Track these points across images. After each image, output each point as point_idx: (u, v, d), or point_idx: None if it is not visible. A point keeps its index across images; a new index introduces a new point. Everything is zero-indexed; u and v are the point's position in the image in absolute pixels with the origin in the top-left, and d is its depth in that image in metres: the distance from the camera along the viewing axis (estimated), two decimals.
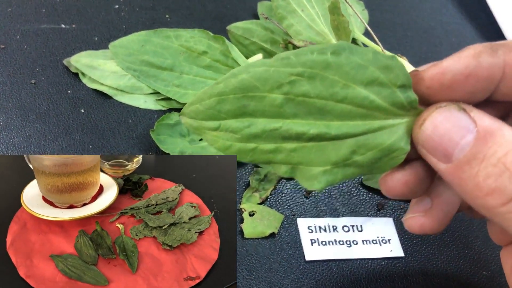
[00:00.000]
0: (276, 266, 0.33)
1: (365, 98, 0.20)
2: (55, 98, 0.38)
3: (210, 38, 0.40)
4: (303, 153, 0.20)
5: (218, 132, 0.21)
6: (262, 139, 0.20)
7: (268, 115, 0.20)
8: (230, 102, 0.20)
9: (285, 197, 0.36)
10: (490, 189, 0.18)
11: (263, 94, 0.20)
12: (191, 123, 0.21)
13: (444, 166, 0.19)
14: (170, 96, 0.38)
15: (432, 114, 0.19)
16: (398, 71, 0.20)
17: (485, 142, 0.18)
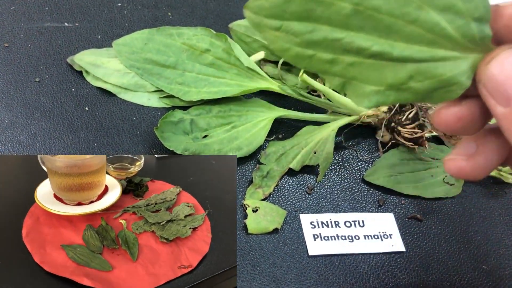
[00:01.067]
0: (279, 261, 0.33)
1: (436, 24, 0.19)
2: (60, 96, 0.38)
3: (213, 36, 0.40)
4: (361, 69, 0.20)
5: (279, 32, 0.20)
6: (322, 47, 0.20)
7: (333, 24, 0.19)
8: (297, 3, 0.19)
9: (288, 193, 0.37)
10: None
11: (332, 0, 0.19)
12: (253, 18, 0.20)
13: (502, 110, 0.19)
14: (173, 93, 0.39)
15: (501, 53, 0.19)
16: (479, 2, 0.19)
17: None
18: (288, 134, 0.40)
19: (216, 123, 0.38)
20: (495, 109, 0.19)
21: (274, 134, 0.40)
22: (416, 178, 0.39)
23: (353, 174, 0.39)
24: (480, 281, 0.35)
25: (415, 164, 0.40)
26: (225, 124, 0.38)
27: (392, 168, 0.39)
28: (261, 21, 0.20)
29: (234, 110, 0.39)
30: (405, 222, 0.37)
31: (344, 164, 0.40)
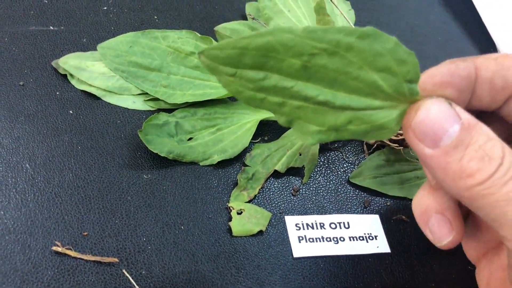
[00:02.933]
0: (264, 263, 0.33)
1: (374, 82, 0.21)
2: (44, 100, 0.38)
3: (198, 38, 0.40)
4: (306, 112, 0.22)
5: (233, 78, 0.22)
6: (272, 93, 0.22)
7: (283, 74, 0.22)
8: (250, 56, 0.21)
9: (273, 195, 0.37)
10: (473, 170, 0.21)
11: (284, 57, 0.21)
12: (208, 63, 0.22)
13: (431, 151, 0.22)
14: (158, 96, 0.39)
15: (427, 102, 0.22)
16: (411, 67, 0.21)
17: (468, 132, 0.21)
18: (273, 136, 0.40)
19: (201, 126, 0.38)
20: (423, 152, 0.22)
21: (259, 137, 0.40)
22: (401, 179, 0.39)
23: (339, 176, 0.39)
24: (465, 281, 0.35)
25: (401, 165, 0.40)
26: (210, 126, 0.38)
27: (377, 169, 0.39)
28: (216, 67, 0.22)
29: (220, 113, 0.39)
30: (390, 223, 0.37)
31: (329, 166, 0.40)
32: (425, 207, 0.26)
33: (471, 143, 0.21)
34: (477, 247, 0.29)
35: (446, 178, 0.22)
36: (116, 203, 0.34)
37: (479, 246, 0.29)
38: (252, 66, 0.21)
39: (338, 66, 0.21)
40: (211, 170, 0.37)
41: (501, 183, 0.21)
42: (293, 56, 0.21)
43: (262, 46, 0.21)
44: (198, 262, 0.32)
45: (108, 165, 0.36)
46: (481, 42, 0.57)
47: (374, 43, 0.21)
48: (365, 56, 0.21)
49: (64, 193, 0.33)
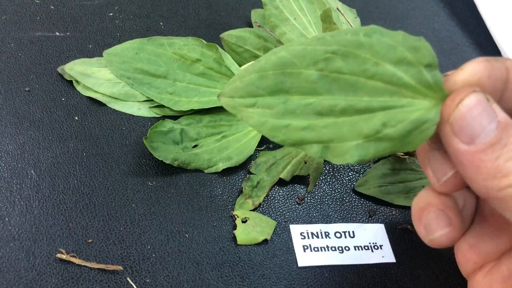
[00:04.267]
0: (268, 272, 0.33)
1: (393, 75, 0.21)
2: (49, 106, 0.38)
3: (204, 46, 0.41)
4: (335, 128, 0.21)
5: (254, 109, 0.22)
6: (296, 115, 0.21)
7: (303, 92, 0.21)
8: (269, 78, 0.21)
9: (278, 203, 0.37)
10: (509, 171, 0.20)
11: (300, 70, 0.21)
12: (228, 102, 0.22)
13: (465, 147, 0.21)
14: (164, 103, 0.39)
15: (470, 96, 0.21)
16: (425, 51, 0.21)
17: (506, 131, 0.21)
18: (278, 144, 0.40)
19: (206, 133, 0.38)
20: (457, 147, 0.21)
21: (264, 144, 0.40)
22: (407, 188, 0.39)
23: (344, 185, 0.39)
24: None
25: (406, 174, 0.39)
26: (216, 133, 0.38)
27: (382, 178, 0.39)
28: (236, 103, 0.22)
29: (225, 120, 0.39)
30: (395, 232, 0.37)
31: (334, 174, 0.40)
32: (425, 203, 0.26)
33: (508, 143, 0.21)
34: (476, 259, 0.29)
35: (477, 176, 0.21)
36: (120, 210, 0.34)
37: (479, 258, 0.29)
38: (271, 91, 0.21)
39: (354, 66, 0.21)
40: (216, 177, 0.37)
41: None
42: (308, 65, 0.21)
43: (278, 63, 0.21)
44: (202, 270, 0.32)
45: (113, 172, 0.35)
46: (487, 50, 0.57)
47: (381, 37, 0.21)
48: (376, 50, 0.21)
49: (69, 200, 0.33)
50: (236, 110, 0.22)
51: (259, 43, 0.43)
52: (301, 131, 0.21)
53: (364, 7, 0.57)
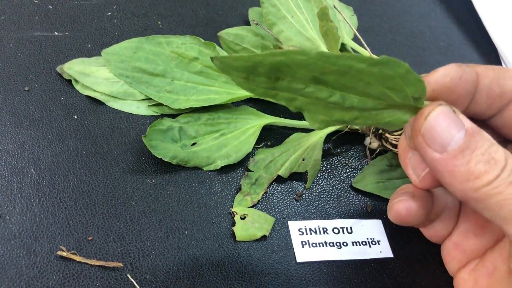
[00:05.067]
0: (267, 268, 0.33)
1: (384, 93, 0.22)
2: (49, 105, 0.38)
3: (201, 44, 0.41)
4: (315, 106, 0.23)
5: (246, 80, 0.22)
6: (284, 90, 0.23)
7: (295, 80, 0.22)
8: (263, 69, 0.21)
9: (276, 200, 0.37)
10: (480, 172, 0.23)
11: (296, 71, 0.22)
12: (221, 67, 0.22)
13: (439, 155, 0.23)
14: (162, 101, 0.39)
15: (436, 109, 0.23)
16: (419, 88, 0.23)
17: (473, 137, 0.23)
18: (277, 142, 0.40)
19: (205, 131, 0.38)
20: (431, 156, 0.24)
21: (263, 142, 0.40)
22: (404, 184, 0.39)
23: (342, 181, 0.39)
24: None
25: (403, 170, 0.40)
26: (214, 131, 0.38)
27: (380, 174, 0.39)
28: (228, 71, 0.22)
29: (223, 118, 0.39)
30: (393, 228, 0.37)
31: (332, 171, 0.40)
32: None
33: (477, 148, 0.23)
34: (461, 257, 0.31)
35: (453, 181, 0.23)
36: (120, 208, 0.34)
37: (464, 256, 0.30)
38: (264, 75, 0.22)
39: (348, 81, 0.22)
40: (214, 175, 0.37)
41: (506, 183, 0.22)
42: (305, 72, 0.22)
43: (274, 64, 0.21)
44: (202, 267, 0.32)
45: (113, 170, 0.36)
46: (483, 48, 0.57)
47: (385, 68, 0.21)
48: (376, 77, 0.22)
49: (69, 198, 0.34)
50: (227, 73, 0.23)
51: (256, 41, 0.43)
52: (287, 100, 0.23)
53: (361, 4, 0.57)
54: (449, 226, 0.31)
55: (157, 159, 0.36)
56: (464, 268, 0.31)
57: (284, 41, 0.42)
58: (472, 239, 0.30)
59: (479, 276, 0.30)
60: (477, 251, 0.30)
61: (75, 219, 0.33)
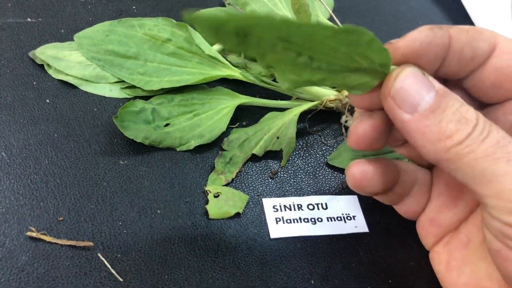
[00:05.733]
0: (240, 244, 0.33)
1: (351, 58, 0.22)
2: (21, 90, 0.38)
3: (174, 25, 0.41)
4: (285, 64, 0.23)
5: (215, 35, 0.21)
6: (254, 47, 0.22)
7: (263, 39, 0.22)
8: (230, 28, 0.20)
9: (251, 178, 0.37)
10: (452, 131, 0.22)
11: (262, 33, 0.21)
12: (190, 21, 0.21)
13: (409, 116, 0.23)
14: (135, 84, 0.39)
15: (405, 70, 0.23)
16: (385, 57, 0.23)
17: (444, 97, 0.23)
18: (252, 122, 0.40)
19: (178, 112, 0.38)
20: (402, 117, 0.23)
21: (238, 121, 0.40)
22: None
23: (317, 159, 0.39)
24: None
25: None
26: (188, 112, 0.38)
27: (355, 151, 0.39)
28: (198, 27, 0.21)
29: (197, 99, 0.39)
30: (369, 203, 0.37)
31: (308, 149, 0.40)
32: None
33: (447, 107, 0.23)
34: (437, 231, 0.30)
35: (425, 142, 0.23)
36: (92, 189, 0.34)
37: (439, 230, 0.30)
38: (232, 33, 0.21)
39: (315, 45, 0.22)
40: (188, 155, 0.37)
41: (478, 141, 0.22)
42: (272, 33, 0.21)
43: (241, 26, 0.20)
44: (174, 245, 0.32)
45: (85, 152, 0.36)
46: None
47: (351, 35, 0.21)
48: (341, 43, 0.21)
49: (40, 180, 0.33)
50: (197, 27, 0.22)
51: None
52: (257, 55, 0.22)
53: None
54: (422, 202, 0.31)
55: (130, 140, 0.36)
56: (439, 243, 0.31)
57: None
58: (446, 213, 0.30)
59: (454, 248, 0.30)
60: (451, 224, 0.30)
61: (46, 200, 0.32)
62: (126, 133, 0.35)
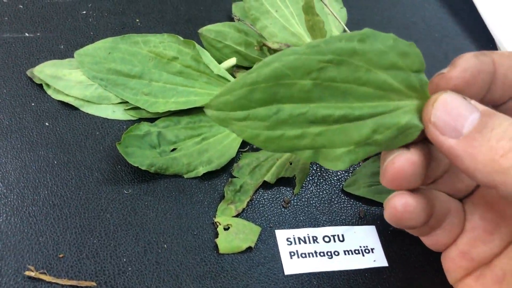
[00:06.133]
0: (253, 282, 0.31)
1: (384, 82, 0.21)
2: (18, 112, 0.36)
3: (180, 42, 0.38)
4: (327, 136, 0.22)
5: (246, 122, 0.22)
6: (288, 125, 0.22)
7: (295, 101, 0.21)
8: (261, 90, 0.21)
9: (263, 208, 0.35)
10: (506, 149, 0.20)
11: (294, 81, 0.21)
12: (217, 115, 0.22)
13: (454, 141, 0.21)
14: (140, 105, 0.36)
15: (442, 95, 0.22)
16: (415, 58, 0.22)
17: (489, 117, 0.21)
18: None
19: (185, 135, 0.36)
20: (448, 143, 0.21)
21: (248, 145, 0.38)
22: None
23: (332, 185, 0.37)
24: None
25: None
26: (195, 135, 0.36)
27: (373, 177, 0.37)
28: (226, 116, 0.22)
29: (205, 121, 0.37)
30: (388, 235, 0.35)
31: (322, 175, 0.38)
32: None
33: (495, 126, 0.21)
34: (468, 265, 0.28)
35: (477, 165, 0.21)
36: (94, 222, 0.32)
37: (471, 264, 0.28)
38: (263, 102, 0.21)
39: (347, 74, 0.21)
40: (196, 182, 0.35)
41: None
42: (302, 76, 0.21)
43: (270, 75, 0.21)
44: (182, 283, 0.30)
45: (86, 180, 0.33)
46: (480, 38, 0.55)
47: (375, 43, 0.21)
48: (369, 57, 0.21)
49: (39, 212, 0.31)
50: (226, 123, 0.22)
51: (239, 38, 0.41)
52: (294, 139, 0.22)
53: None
54: (453, 234, 0.29)
55: (134, 167, 0.34)
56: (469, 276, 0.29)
57: (268, 37, 0.40)
58: (480, 246, 0.28)
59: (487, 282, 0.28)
60: (485, 258, 0.28)
61: (45, 235, 0.30)
62: (130, 161, 0.33)
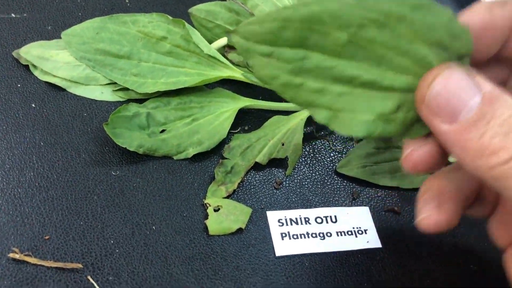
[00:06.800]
0: (243, 263, 0.30)
1: (424, 57, 0.20)
2: (4, 93, 0.35)
3: (170, 22, 0.37)
4: (349, 99, 0.20)
5: (268, 59, 0.20)
6: (312, 76, 0.20)
7: (326, 52, 0.20)
8: (292, 30, 0.19)
9: (254, 189, 0.34)
10: (496, 147, 0.19)
11: (329, 30, 0.19)
12: (242, 44, 0.20)
13: (448, 127, 0.20)
14: (128, 86, 0.36)
15: (443, 73, 0.20)
16: (465, 43, 0.20)
17: (491, 104, 0.19)
18: (255, 126, 0.37)
19: (175, 116, 0.35)
20: (439, 128, 0.20)
21: (239, 126, 0.37)
22: (393, 168, 0.36)
23: (325, 166, 0.36)
24: (464, 279, 0.32)
25: (392, 153, 0.37)
26: (185, 116, 0.35)
27: (367, 158, 0.36)
28: (250, 46, 0.20)
29: (195, 102, 0.36)
30: (381, 215, 0.34)
31: (315, 156, 0.37)
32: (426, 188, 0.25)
33: (494, 117, 0.19)
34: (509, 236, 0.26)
35: (465, 157, 0.20)
36: (81, 203, 0.31)
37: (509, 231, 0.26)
38: (292, 43, 0.19)
39: (387, 40, 0.19)
40: (186, 164, 0.34)
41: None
42: (340, 28, 0.19)
43: (306, 17, 0.19)
44: (171, 265, 0.29)
45: (73, 162, 0.33)
46: None
47: (428, 15, 0.19)
48: (417, 28, 0.19)
49: (25, 194, 0.31)
50: (248, 54, 0.20)
51: (231, 17, 0.40)
52: (314, 93, 0.20)
53: None
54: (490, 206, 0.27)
55: (122, 148, 0.33)
56: None
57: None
58: None
59: None
60: None
61: (31, 217, 0.30)
62: (118, 141, 0.32)
